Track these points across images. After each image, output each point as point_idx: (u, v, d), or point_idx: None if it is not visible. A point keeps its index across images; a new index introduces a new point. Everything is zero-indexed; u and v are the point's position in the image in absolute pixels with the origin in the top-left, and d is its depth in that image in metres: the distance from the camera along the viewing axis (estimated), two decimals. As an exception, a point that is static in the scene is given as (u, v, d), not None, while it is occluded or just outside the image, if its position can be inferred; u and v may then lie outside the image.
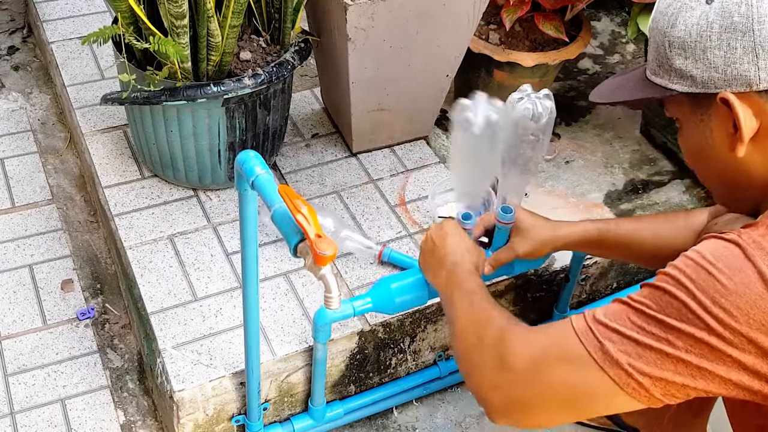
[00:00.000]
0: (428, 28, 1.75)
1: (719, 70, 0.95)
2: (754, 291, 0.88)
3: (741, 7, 0.92)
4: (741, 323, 0.87)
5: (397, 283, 1.45)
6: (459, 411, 1.77)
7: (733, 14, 0.93)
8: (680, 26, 0.97)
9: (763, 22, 0.91)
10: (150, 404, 1.70)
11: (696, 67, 0.96)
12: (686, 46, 0.97)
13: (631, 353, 0.91)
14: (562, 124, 2.29)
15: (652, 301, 0.92)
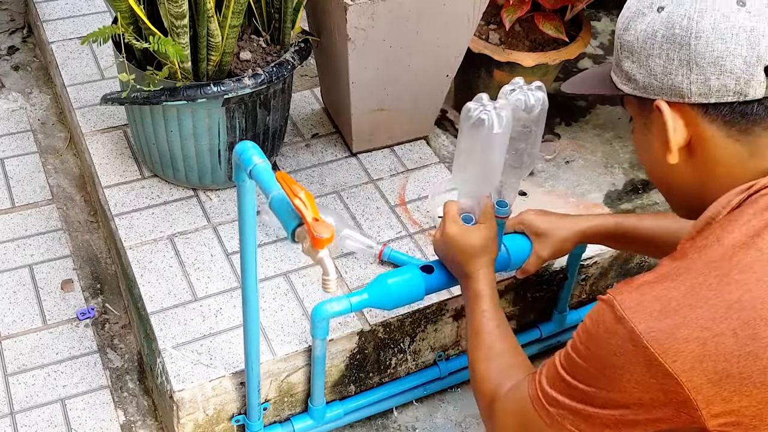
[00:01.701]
0: (428, 28, 1.75)
1: (657, 78, 0.98)
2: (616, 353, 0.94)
3: (683, 21, 0.94)
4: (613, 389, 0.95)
5: (393, 279, 1.45)
6: (459, 411, 1.77)
7: (675, 26, 0.95)
8: (631, 30, 1.00)
9: (699, 37, 0.93)
10: (150, 404, 1.70)
11: (639, 71, 0.99)
12: (633, 50, 1.00)
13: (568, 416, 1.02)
14: (562, 124, 2.29)
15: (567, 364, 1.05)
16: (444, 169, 1.97)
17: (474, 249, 1.39)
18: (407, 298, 1.47)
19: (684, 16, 0.94)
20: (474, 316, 1.34)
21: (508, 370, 1.23)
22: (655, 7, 0.98)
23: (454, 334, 1.76)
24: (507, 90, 1.47)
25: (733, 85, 0.93)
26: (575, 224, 1.50)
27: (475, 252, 1.39)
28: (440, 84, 1.92)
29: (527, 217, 1.51)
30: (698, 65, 0.94)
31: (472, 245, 1.39)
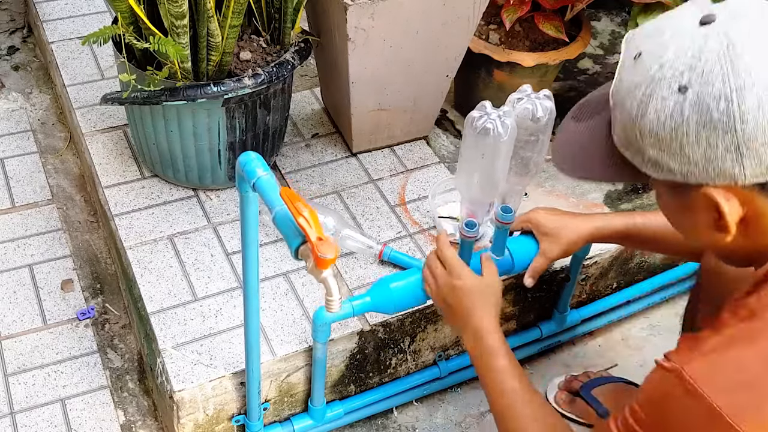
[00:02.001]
0: (428, 28, 1.75)
1: (699, 165, 0.87)
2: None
3: (720, 103, 0.83)
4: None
5: (396, 283, 1.45)
6: (459, 411, 1.77)
7: (712, 110, 0.84)
8: (651, 115, 0.88)
9: (745, 120, 0.83)
10: (150, 404, 1.70)
11: (672, 160, 0.89)
12: (660, 139, 0.88)
13: None
14: (562, 124, 2.29)
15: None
16: (444, 169, 1.97)
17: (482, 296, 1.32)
18: (409, 303, 1.46)
19: (719, 97, 0.83)
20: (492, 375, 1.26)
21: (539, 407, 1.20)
22: (675, 87, 0.86)
23: (454, 334, 1.76)
24: (514, 98, 1.47)
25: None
26: (584, 224, 1.46)
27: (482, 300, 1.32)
28: (440, 84, 1.92)
29: (535, 216, 1.47)
30: (750, 149, 0.84)
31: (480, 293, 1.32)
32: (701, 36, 0.85)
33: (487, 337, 1.28)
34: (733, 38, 0.83)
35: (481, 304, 1.31)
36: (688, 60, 0.85)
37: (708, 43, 0.84)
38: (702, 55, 0.84)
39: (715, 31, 0.85)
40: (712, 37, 0.85)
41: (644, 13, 1.95)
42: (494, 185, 1.50)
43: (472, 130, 1.43)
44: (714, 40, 0.84)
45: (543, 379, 1.81)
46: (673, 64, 0.86)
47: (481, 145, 1.43)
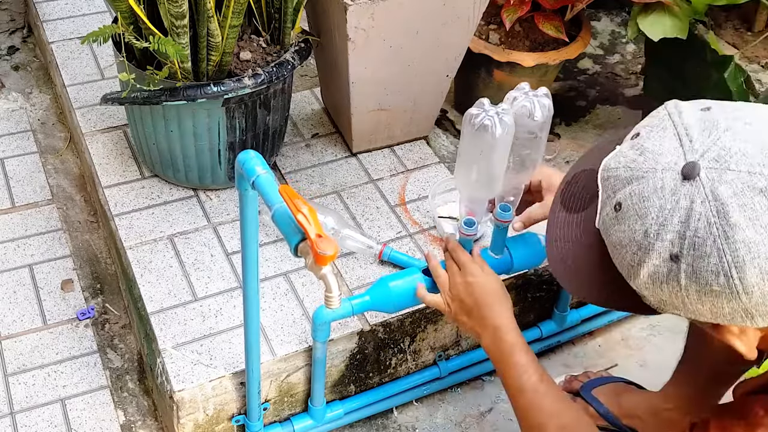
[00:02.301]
0: (428, 28, 1.75)
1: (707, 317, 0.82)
2: None
3: (720, 278, 0.77)
4: None
5: (395, 282, 1.45)
6: (459, 411, 1.77)
7: (711, 283, 0.78)
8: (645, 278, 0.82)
9: (750, 293, 0.77)
10: (150, 404, 1.70)
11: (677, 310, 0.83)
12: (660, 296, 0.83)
13: None
14: (562, 124, 2.29)
15: None
16: (444, 169, 1.97)
17: (497, 293, 1.32)
18: (409, 302, 1.46)
19: (717, 272, 0.77)
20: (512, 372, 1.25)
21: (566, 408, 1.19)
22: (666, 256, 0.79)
23: (454, 334, 1.76)
24: (512, 96, 1.47)
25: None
26: None
27: (498, 297, 1.31)
28: (440, 84, 1.92)
29: (546, 170, 1.45)
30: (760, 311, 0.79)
31: (495, 290, 1.32)
32: (686, 197, 0.78)
33: (506, 333, 1.28)
34: (723, 201, 0.76)
35: (497, 301, 1.31)
36: (675, 227, 0.78)
37: (695, 207, 0.77)
38: (690, 222, 0.77)
39: (701, 192, 0.77)
40: (698, 200, 0.77)
41: (644, 13, 1.95)
42: (493, 182, 1.50)
43: (470, 127, 1.43)
44: (701, 204, 0.77)
45: (543, 379, 1.81)
46: (659, 232, 0.79)
47: (479, 142, 1.43)
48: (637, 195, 0.81)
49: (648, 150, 0.82)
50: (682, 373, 1.54)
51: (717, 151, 0.77)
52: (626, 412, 1.61)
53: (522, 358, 1.25)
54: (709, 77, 1.96)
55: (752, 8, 2.01)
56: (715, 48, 1.89)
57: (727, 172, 0.76)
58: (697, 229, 0.77)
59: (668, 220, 0.78)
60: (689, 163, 0.78)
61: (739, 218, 0.75)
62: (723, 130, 0.78)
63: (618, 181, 0.84)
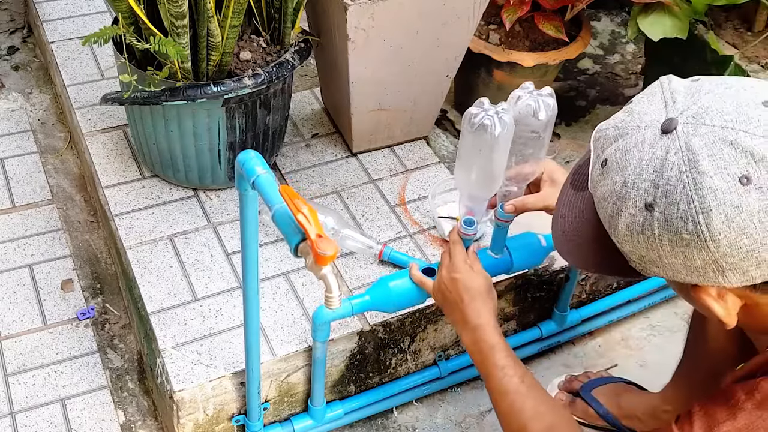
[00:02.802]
0: (428, 29, 1.75)
1: (682, 273, 0.85)
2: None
3: (688, 224, 0.80)
4: None
5: (395, 282, 1.45)
6: (459, 411, 1.77)
7: (681, 231, 0.81)
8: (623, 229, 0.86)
9: (717, 240, 0.80)
10: (150, 404, 1.70)
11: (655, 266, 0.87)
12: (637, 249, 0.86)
13: None
14: (562, 124, 2.29)
15: None
16: (444, 169, 1.97)
17: (481, 293, 1.32)
18: (409, 302, 1.46)
19: (686, 218, 0.80)
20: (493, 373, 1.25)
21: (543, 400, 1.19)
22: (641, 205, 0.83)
23: (454, 334, 1.76)
24: (516, 95, 1.47)
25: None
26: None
27: (482, 297, 1.32)
28: (440, 84, 1.92)
29: (549, 164, 1.46)
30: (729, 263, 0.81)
31: (479, 289, 1.32)
32: (662, 148, 0.82)
33: (486, 334, 1.28)
34: (695, 152, 0.80)
35: (479, 300, 1.32)
36: (650, 176, 0.82)
37: (669, 157, 0.81)
38: (663, 171, 0.81)
39: (676, 143, 0.81)
40: (672, 150, 0.81)
41: (644, 13, 1.95)
42: (492, 181, 1.50)
43: (470, 127, 1.43)
44: (674, 154, 0.81)
45: (543, 379, 1.81)
46: (635, 181, 0.83)
47: (479, 141, 1.43)
48: (620, 150, 0.86)
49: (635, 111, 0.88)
50: (680, 375, 1.55)
51: (695, 109, 0.82)
52: (626, 413, 1.61)
53: (502, 360, 1.25)
54: (709, 77, 1.96)
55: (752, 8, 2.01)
56: (715, 48, 1.89)
57: (702, 127, 0.81)
58: (669, 177, 0.81)
59: (644, 170, 0.83)
60: (668, 119, 0.83)
61: (707, 166, 0.79)
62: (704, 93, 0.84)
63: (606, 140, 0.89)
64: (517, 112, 1.46)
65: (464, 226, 1.42)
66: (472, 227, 1.42)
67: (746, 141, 0.79)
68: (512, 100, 1.46)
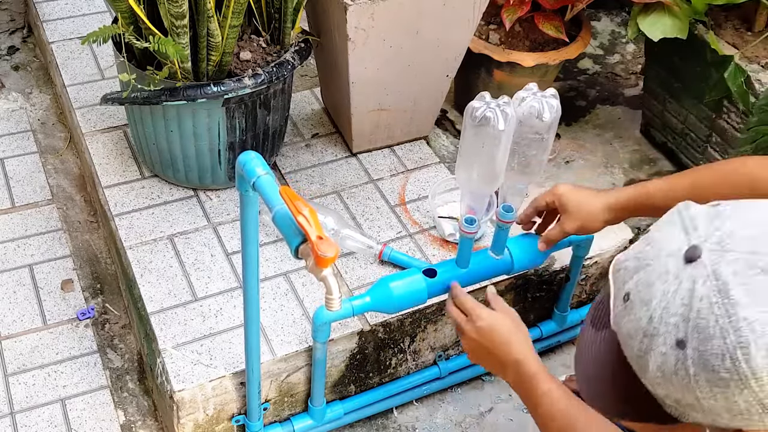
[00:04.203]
0: (428, 29, 1.75)
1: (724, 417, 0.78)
2: None
3: (726, 362, 0.74)
4: None
5: (396, 283, 1.45)
6: (459, 411, 1.77)
7: (719, 369, 0.74)
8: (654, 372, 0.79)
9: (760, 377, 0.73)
10: (150, 404, 1.70)
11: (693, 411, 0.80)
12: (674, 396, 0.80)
13: None
14: (562, 124, 2.29)
15: None
16: (444, 169, 1.97)
17: (510, 330, 1.30)
18: (410, 303, 1.46)
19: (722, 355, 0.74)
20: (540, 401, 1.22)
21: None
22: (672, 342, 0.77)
23: (454, 334, 1.76)
24: (520, 96, 1.47)
25: None
26: (599, 199, 1.41)
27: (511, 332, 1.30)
28: (440, 84, 1.92)
29: (559, 189, 1.45)
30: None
31: (508, 327, 1.31)
32: (688, 278, 0.76)
33: (527, 366, 1.26)
34: (725, 280, 0.74)
35: (512, 337, 1.30)
36: (678, 309, 0.76)
37: (697, 288, 0.75)
38: (693, 303, 0.75)
39: (703, 272, 0.75)
40: (700, 280, 0.75)
41: (644, 13, 1.95)
42: (494, 177, 1.50)
43: (472, 120, 1.43)
44: (703, 284, 0.75)
45: (543, 379, 1.81)
46: (662, 316, 0.77)
47: (481, 134, 1.43)
48: (643, 282, 0.80)
49: (655, 240, 0.82)
50: None
51: (720, 236, 0.77)
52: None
53: (547, 385, 1.23)
54: (709, 77, 1.96)
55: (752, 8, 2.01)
56: (715, 48, 1.89)
57: (729, 253, 0.75)
58: (700, 309, 0.75)
59: (671, 302, 0.77)
60: (692, 246, 0.77)
61: (740, 296, 0.73)
62: (726, 217, 0.78)
63: (627, 272, 0.83)
64: (521, 113, 1.46)
65: (465, 224, 1.42)
66: (473, 226, 1.42)
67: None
68: (516, 101, 1.47)
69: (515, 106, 1.46)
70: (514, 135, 1.52)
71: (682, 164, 2.15)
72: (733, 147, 1.98)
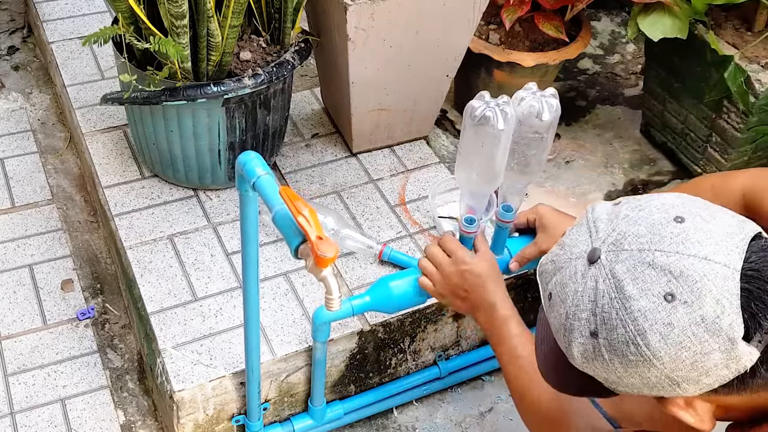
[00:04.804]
0: (428, 29, 1.75)
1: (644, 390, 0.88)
2: None
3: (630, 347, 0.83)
4: None
5: (395, 282, 1.45)
6: (459, 411, 1.77)
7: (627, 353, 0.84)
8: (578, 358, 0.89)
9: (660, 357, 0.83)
10: (150, 404, 1.70)
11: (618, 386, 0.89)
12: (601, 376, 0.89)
13: None
14: (562, 124, 2.29)
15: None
16: (444, 169, 1.97)
17: (490, 276, 1.37)
18: (409, 302, 1.46)
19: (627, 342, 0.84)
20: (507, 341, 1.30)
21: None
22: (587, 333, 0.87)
23: (454, 334, 1.76)
24: (520, 96, 1.47)
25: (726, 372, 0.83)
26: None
27: (492, 279, 1.36)
28: (440, 84, 1.92)
29: (541, 209, 1.51)
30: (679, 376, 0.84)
31: (488, 273, 1.36)
32: (592, 278, 0.86)
33: (501, 307, 1.33)
34: (619, 278, 0.84)
35: (490, 281, 1.36)
36: (587, 305, 0.86)
37: (599, 286, 0.85)
38: (597, 300, 0.85)
39: (603, 272, 0.85)
40: (600, 279, 0.85)
41: (644, 13, 1.95)
42: (494, 176, 1.50)
43: (471, 120, 1.43)
44: (603, 282, 0.85)
45: (543, 379, 1.81)
46: (575, 312, 0.87)
47: (481, 134, 1.43)
48: (559, 283, 0.90)
49: (566, 244, 0.92)
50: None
51: (615, 236, 0.87)
52: (625, 416, 1.61)
53: (515, 329, 1.30)
54: (709, 77, 1.96)
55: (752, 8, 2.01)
56: (715, 48, 1.89)
57: (622, 252, 0.85)
58: (603, 305, 0.85)
59: (581, 300, 0.87)
60: (592, 249, 0.87)
61: (632, 290, 0.83)
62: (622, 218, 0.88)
63: (547, 274, 0.94)
64: (521, 113, 1.46)
65: (465, 224, 1.42)
66: (473, 225, 1.42)
67: (662, 260, 0.83)
68: (516, 100, 1.46)
69: (514, 105, 1.46)
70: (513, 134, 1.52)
71: (682, 164, 2.15)
72: (733, 147, 1.98)
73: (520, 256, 1.50)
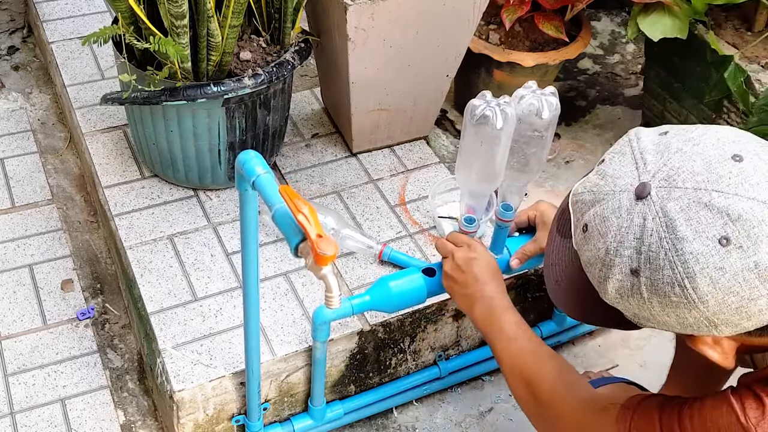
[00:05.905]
0: (428, 28, 1.75)
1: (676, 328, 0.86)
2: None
3: (675, 288, 0.82)
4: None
5: (395, 282, 1.45)
6: (459, 411, 1.77)
7: (669, 294, 0.82)
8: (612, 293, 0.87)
9: (705, 301, 0.81)
10: (150, 404, 1.70)
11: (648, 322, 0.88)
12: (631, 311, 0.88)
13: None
14: (562, 124, 2.29)
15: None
16: (444, 169, 1.97)
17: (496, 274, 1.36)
18: (409, 302, 1.46)
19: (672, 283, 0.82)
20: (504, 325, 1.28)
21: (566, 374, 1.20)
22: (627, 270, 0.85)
23: (454, 334, 1.76)
24: (519, 94, 1.47)
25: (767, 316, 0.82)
26: None
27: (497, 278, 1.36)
28: (440, 84, 1.92)
29: (542, 206, 1.50)
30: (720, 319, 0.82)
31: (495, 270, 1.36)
32: (639, 214, 0.83)
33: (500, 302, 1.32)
34: (671, 216, 0.81)
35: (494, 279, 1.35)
36: (632, 243, 0.84)
37: (647, 224, 0.83)
38: (644, 238, 0.83)
39: (653, 209, 0.82)
40: (650, 216, 0.82)
41: (644, 13, 1.95)
42: (494, 176, 1.50)
43: (472, 119, 1.43)
44: (652, 221, 0.82)
45: (543, 379, 1.81)
46: (617, 248, 0.85)
47: (481, 133, 1.43)
48: (599, 216, 0.87)
49: (608, 174, 0.88)
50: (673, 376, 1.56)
51: (667, 171, 0.83)
52: None
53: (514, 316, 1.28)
54: (709, 77, 1.96)
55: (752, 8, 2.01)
56: (715, 48, 1.89)
57: (675, 190, 0.82)
58: (651, 244, 0.82)
59: (625, 237, 0.84)
60: (641, 184, 0.84)
61: (686, 231, 0.80)
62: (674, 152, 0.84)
63: (584, 204, 0.90)
64: (520, 111, 1.46)
65: (465, 223, 1.42)
66: (473, 225, 1.42)
67: (720, 201, 0.80)
68: (515, 99, 1.47)
69: (514, 103, 1.46)
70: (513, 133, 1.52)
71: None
72: (733, 147, 1.98)
73: (520, 252, 1.49)
